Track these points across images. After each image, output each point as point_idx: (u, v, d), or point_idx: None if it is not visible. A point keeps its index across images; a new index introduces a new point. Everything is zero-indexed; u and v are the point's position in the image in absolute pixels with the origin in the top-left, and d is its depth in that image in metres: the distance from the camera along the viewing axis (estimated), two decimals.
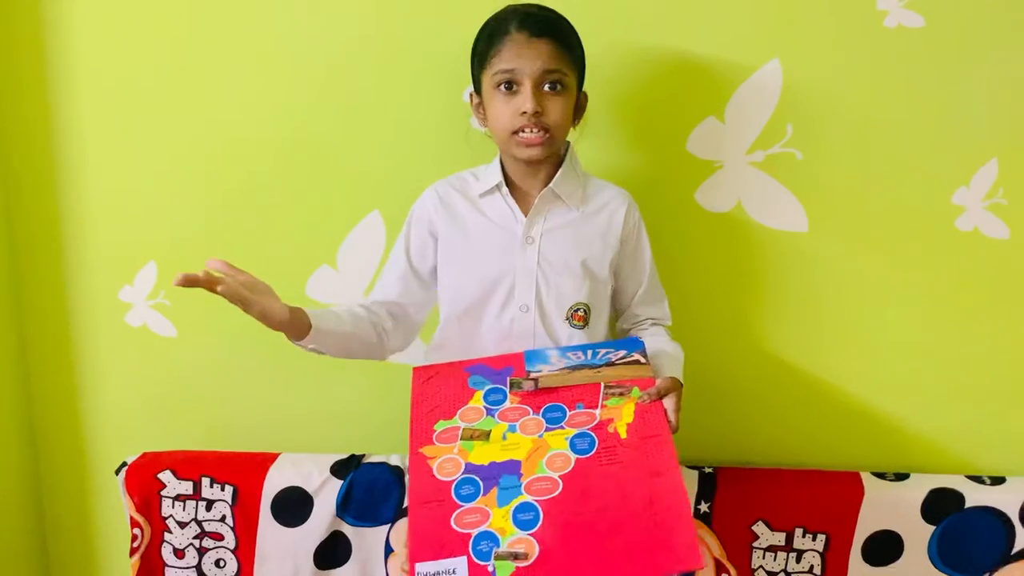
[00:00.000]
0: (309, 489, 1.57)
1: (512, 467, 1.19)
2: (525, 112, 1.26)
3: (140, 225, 1.66)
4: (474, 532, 1.12)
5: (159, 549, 1.62)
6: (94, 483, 1.80)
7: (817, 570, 1.57)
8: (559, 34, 1.28)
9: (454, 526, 1.13)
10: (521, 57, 1.25)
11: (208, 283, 1.15)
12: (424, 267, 1.39)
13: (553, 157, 1.35)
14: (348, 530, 1.58)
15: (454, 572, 1.09)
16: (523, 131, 1.28)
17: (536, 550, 1.10)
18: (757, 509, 1.56)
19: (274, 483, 1.57)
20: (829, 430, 1.66)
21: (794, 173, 1.55)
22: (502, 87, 1.27)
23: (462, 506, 1.15)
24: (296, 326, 1.26)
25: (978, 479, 1.58)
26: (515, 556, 1.10)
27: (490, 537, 1.11)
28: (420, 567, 1.10)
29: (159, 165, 1.63)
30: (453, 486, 1.17)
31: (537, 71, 1.25)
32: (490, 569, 1.09)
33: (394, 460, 1.59)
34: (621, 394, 1.25)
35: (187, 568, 1.63)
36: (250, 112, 1.59)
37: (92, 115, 1.62)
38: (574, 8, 1.34)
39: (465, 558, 1.10)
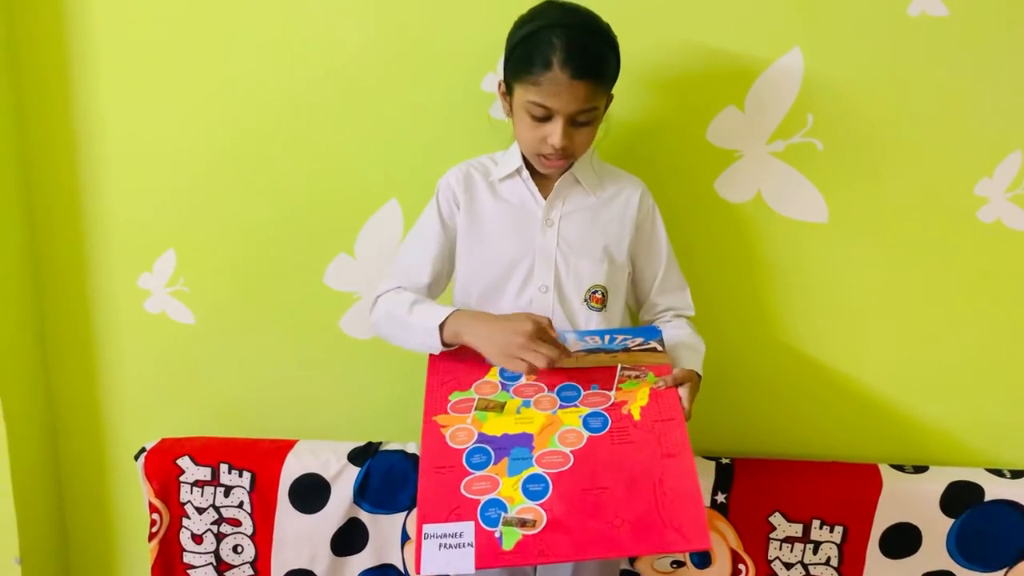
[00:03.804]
0: (327, 476, 1.57)
1: (524, 439, 1.20)
2: (553, 145, 1.27)
3: (159, 213, 1.67)
4: (483, 499, 1.13)
5: (177, 534, 1.64)
6: (113, 469, 1.82)
7: (834, 562, 1.57)
8: (600, 74, 1.26)
9: (464, 492, 1.14)
10: (559, 97, 1.23)
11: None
12: (454, 232, 1.39)
13: None
14: (365, 517, 1.59)
15: (461, 535, 1.10)
16: (546, 155, 1.30)
17: (544, 519, 1.11)
18: (774, 500, 1.56)
19: (292, 470, 1.58)
20: (847, 422, 1.65)
21: (815, 163, 1.54)
22: (532, 114, 1.27)
23: (472, 473, 1.16)
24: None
25: (998, 472, 1.57)
26: (522, 523, 1.11)
27: (499, 504, 1.12)
28: (428, 528, 1.11)
29: (178, 153, 1.63)
30: (465, 454, 1.19)
31: (572, 112, 1.25)
32: (497, 535, 1.10)
33: (411, 448, 1.60)
34: (636, 377, 1.26)
35: (205, 553, 1.64)
36: (268, 101, 1.59)
37: (112, 103, 1.62)
38: None
39: (473, 523, 1.11)
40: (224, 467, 1.60)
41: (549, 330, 1.23)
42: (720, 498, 1.55)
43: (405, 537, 1.59)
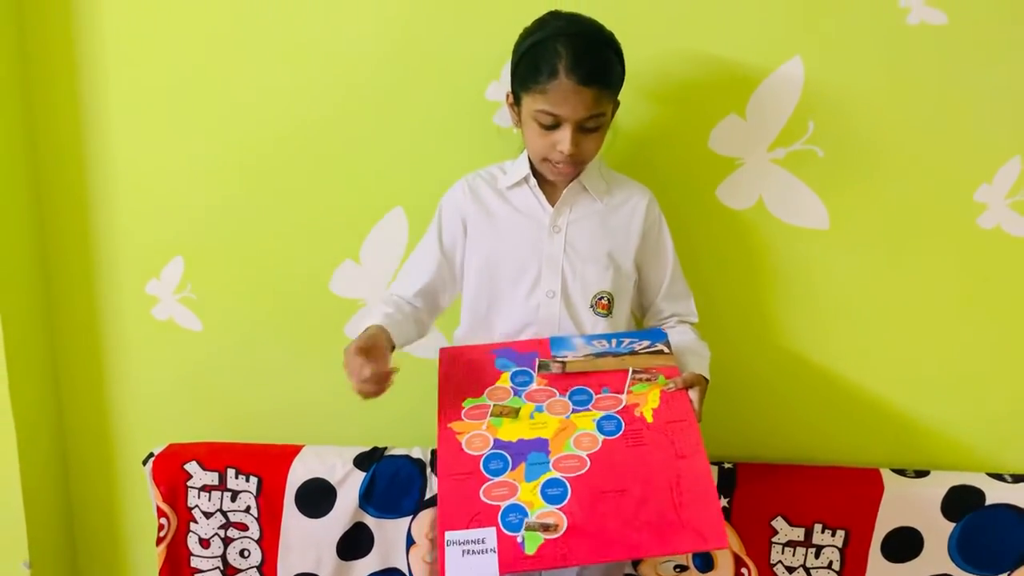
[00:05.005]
0: (332, 481, 1.59)
1: (540, 444, 1.21)
2: (562, 151, 1.28)
3: (167, 220, 1.68)
4: (503, 504, 1.14)
5: (185, 539, 1.65)
6: (121, 474, 1.83)
7: (836, 566, 1.57)
8: (606, 79, 1.27)
9: (483, 498, 1.15)
10: (567, 103, 1.25)
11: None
12: (455, 254, 1.42)
13: None
14: (371, 521, 1.60)
15: (483, 541, 1.11)
16: (556, 162, 1.31)
17: (565, 523, 1.12)
18: (776, 504, 1.56)
19: (298, 474, 1.59)
20: (849, 426, 1.66)
21: (815, 170, 1.55)
22: (541, 122, 1.29)
23: (491, 479, 1.17)
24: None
25: (999, 476, 1.58)
26: (544, 527, 1.11)
27: (519, 510, 1.13)
28: (450, 535, 1.12)
29: (185, 160, 1.65)
30: (482, 460, 1.20)
31: (580, 117, 1.26)
32: (519, 540, 1.11)
33: (416, 453, 1.61)
34: (647, 380, 1.27)
35: (212, 558, 1.65)
36: (275, 108, 1.61)
37: (120, 110, 1.64)
38: (598, 4, 1.35)
39: (494, 528, 1.12)
40: (231, 472, 1.61)
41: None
42: (723, 502, 1.56)
43: (410, 541, 1.60)
